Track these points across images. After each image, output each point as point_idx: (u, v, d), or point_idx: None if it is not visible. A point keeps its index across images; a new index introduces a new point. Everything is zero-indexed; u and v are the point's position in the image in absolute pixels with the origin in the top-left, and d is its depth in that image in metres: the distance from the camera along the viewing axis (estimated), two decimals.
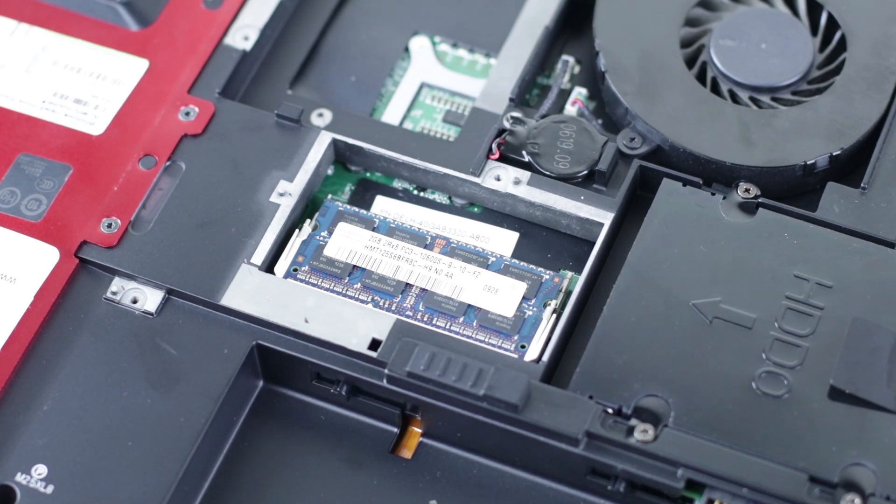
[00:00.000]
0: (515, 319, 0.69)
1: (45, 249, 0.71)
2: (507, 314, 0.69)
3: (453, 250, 0.71)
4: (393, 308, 0.69)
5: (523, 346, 0.68)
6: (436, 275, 0.70)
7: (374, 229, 0.71)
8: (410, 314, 0.69)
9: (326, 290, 0.70)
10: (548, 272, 0.70)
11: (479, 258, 0.71)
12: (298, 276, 0.70)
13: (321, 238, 0.71)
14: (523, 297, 0.69)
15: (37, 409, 0.68)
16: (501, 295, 0.69)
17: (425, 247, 0.71)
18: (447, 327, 0.69)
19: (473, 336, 0.68)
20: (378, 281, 0.70)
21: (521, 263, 0.71)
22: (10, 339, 0.69)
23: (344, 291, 0.70)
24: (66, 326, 0.70)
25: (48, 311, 0.70)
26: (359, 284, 0.70)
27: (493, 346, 0.68)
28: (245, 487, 0.68)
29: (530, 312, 0.69)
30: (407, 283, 0.70)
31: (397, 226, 0.72)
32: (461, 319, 0.69)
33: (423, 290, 0.70)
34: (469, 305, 0.69)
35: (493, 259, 0.70)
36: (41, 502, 0.65)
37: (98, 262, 0.71)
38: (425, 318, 0.69)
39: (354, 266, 0.70)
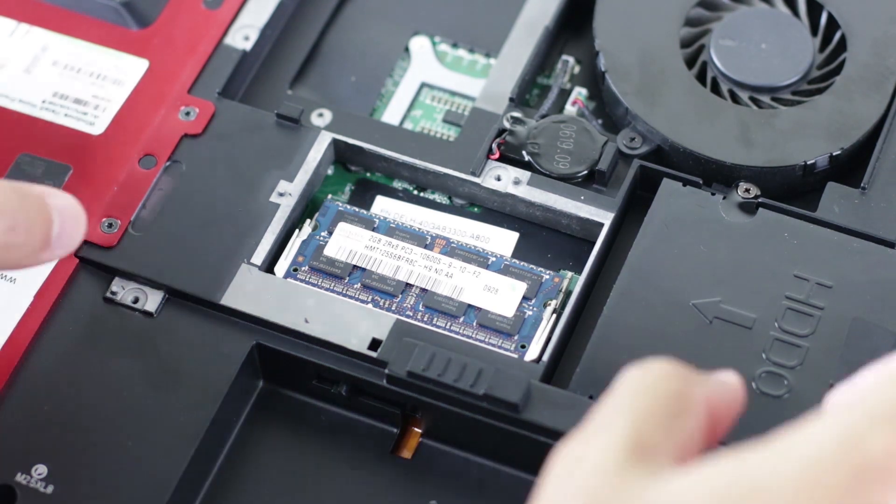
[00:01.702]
0: (515, 319, 0.69)
1: None
2: (507, 314, 0.69)
3: (453, 250, 0.71)
4: (393, 308, 0.69)
5: (523, 346, 0.68)
6: (436, 275, 0.70)
7: (374, 229, 0.72)
8: (410, 314, 0.69)
9: (326, 290, 0.70)
10: (548, 272, 0.70)
11: (479, 258, 0.71)
12: (298, 275, 0.70)
13: (321, 238, 0.71)
14: (523, 297, 0.69)
15: (37, 409, 0.67)
16: (501, 295, 0.69)
17: (425, 247, 0.71)
18: (447, 327, 0.69)
19: (473, 336, 0.68)
20: (378, 281, 0.70)
21: (521, 263, 0.71)
22: (10, 339, 0.69)
23: (344, 291, 0.70)
24: (66, 326, 0.70)
25: (48, 311, 0.70)
26: (359, 284, 0.70)
27: (493, 346, 0.68)
28: (245, 488, 0.68)
29: (530, 312, 0.69)
30: (407, 283, 0.70)
31: (397, 226, 0.72)
32: (461, 319, 0.69)
33: (423, 289, 0.70)
34: (469, 305, 0.69)
35: (493, 259, 0.70)
36: (41, 502, 0.65)
37: (98, 261, 0.71)
38: (425, 318, 0.69)
39: (354, 266, 0.70)
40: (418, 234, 0.71)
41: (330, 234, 0.71)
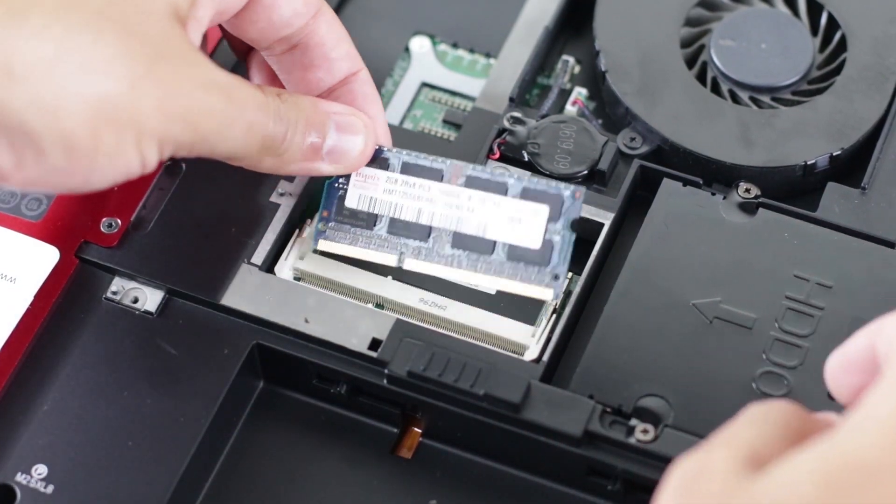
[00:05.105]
0: (544, 249, 0.68)
1: (45, 249, 0.71)
2: (534, 246, 0.67)
3: (470, 180, 0.69)
4: (423, 255, 0.68)
5: (556, 277, 0.67)
6: (458, 211, 0.68)
7: (387, 167, 0.70)
8: (441, 259, 0.68)
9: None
10: (569, 187, 0.68)
11: (497, 184, 0.69)
12: (327, 234, 0.69)
13: (340, 185, 0.70)
14: (548, 221, 0.68)
15: (37, 409, 0.68)
16: (526, 224, 0.67)
17: (442, 179, 0.70)
18: (476, 266, 0.68)
19: (504, 272, 0.67)
20: (404, 228, 0.69)
21: (541, 181, 0.68)
22: (10, 339, 0.69)
23: (373, 243, 0.69)
24: (66, 326, 0.70)
25: (48, 311, 0.70)
26: (385, 234, 0.69)
27: (527, 280, 0.67)
28: (245, 488, 0.68)
29: (557, 237, 0.67)
30: (432, 227, 0.69)
31: (412, 160, 0.70)
32: (492, 256, 0.68)
33: (449, 232, 0.68)
34: (495, 242, 0.68)
35: (512, 182, 0.68)
36: (41, 502, 0.65)
37: (98, 261, 0.71)
38: (455, 262, 0.68)
39: (378, 215, 0.69)
40: (433, 169, 0.69)
41: (347, 180, 0.70)
